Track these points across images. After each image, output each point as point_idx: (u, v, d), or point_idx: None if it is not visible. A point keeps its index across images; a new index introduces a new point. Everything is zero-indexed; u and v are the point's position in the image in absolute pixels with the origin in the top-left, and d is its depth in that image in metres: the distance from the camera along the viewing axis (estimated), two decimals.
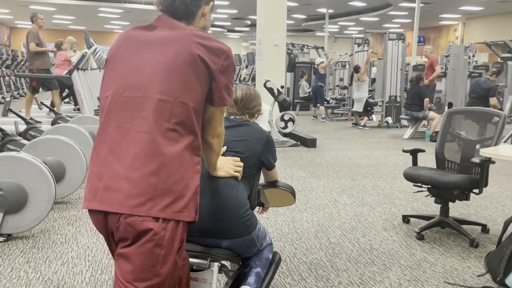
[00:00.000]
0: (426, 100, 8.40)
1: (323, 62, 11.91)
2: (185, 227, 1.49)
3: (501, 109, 8.14)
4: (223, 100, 1.57)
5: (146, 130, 1.42)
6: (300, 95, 13.01)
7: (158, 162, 1.41)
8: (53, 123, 5.83)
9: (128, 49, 1.54)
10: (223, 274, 2.22)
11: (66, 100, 10.15)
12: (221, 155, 1.96)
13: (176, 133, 1.45)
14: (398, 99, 10.27)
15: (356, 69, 10.26)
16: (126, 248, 1.42)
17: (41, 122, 6.05)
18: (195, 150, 1.51)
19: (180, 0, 1.57)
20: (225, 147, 1.98)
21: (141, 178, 1.39)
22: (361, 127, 10.07)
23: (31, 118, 6.47)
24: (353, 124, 10.53)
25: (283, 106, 7.66)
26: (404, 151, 3.83)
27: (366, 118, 10.29)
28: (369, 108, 10.20)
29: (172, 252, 1.44)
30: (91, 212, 1.47)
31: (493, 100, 7.98)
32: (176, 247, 1.46)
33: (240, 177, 1.92)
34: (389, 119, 10.29)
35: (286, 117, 8.09)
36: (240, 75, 18.11)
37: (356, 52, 11.29)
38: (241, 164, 1.94)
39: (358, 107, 10.14)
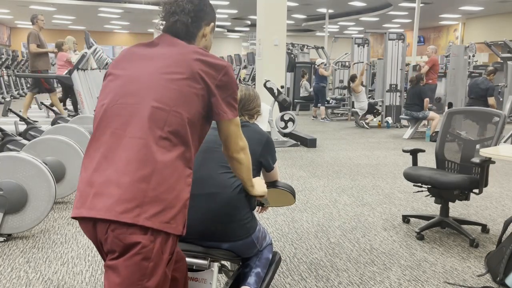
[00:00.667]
0: (426, 100, 8.41)
1: (323, 63, 11.92)
2: (175, 240, 1.46)
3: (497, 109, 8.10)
4: (223, 113, 1.55)
5: (140, 136, 1.41)
6: (301, 95, 12.99)
7: (150, 168, 1.39)
8: (53, 123, 5.83)
9: (128, 63, 1.55)
10: (223, 274, 2.23)
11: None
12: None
13: (169, 142, 1.43)
14: (399, 87, 10.29)
15: (353, 78, 10.33)
16: (114, 260, 1.40)
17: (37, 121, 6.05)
18: (187, 162, 1.49)
19: (181, 22, 1.59)
20: None
21: (131, 184, 1.37)
22: (366, 126, 10.14)
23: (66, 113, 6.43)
24: (358, 122, 10.54)
25: (283, 106, 7.66)
26: (404, 151, 3.83)
27: (371, 117, 10.33)
28: (374, 111, 10.23)
29: (161, 264, 1.41)
30: (81, 220, 1.44)
31: (491, 100, 7.98)
32: (166, 259, 1.43)
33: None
34: (389, 119, 10.30)
35: (286, 117, 8.09)
36: (240, 76, 18.08)
37: (355, 63, 11.35)
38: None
39: (361, 112, 10.19)
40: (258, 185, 1.86)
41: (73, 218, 1.42)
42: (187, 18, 1.59)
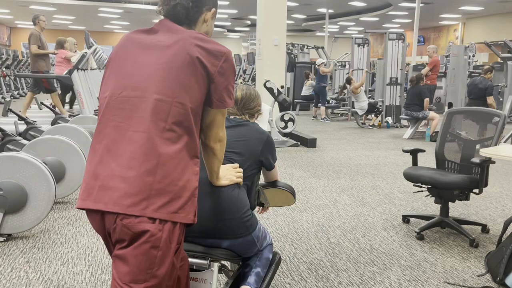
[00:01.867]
0: (426, 100, 8.41)
1: (323, 63, 11.92)
2: (182, 229, 1.48)
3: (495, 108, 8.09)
4: (223, 102, 1.55)
5: (143, 130, 1.42)
6: (304, 93, 12.95)
7: (154, 161, 1.40)
8: (53, 123, 5.83)
9: (128, 52, 1.55)
10: (223, 274, 2.23)
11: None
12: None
13: (174, 133, 1.44)
14: (399, 81, 10.29)
15: (348, 81, 10.34)
16: (123, 249, 1.41)
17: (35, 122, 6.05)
18: (193, 151, 1.50)
19: (181, 5, 1.57)
20: None
21: (137, 177, 1.39)
22: (370, 127, 10.20)
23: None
24: (362, 123, 10.53)
25: (283, 106, 7.66)
26: (404, 151, 3.83)
27: (374, 117, 10.34)
28: (375, 110, 10.23)
29: (169, 254, 1.43)
30: (88, 212, 1.46)
31: (490, 99, 7.96)
32: (174, 248, 1.45)
33: (241, 182, 1.91)
34: (389, 119, 10.30)
35: (286, 117, 8.09)
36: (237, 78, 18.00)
37: (353, 70, 11.35)
38: (241, 170, 1.93)
39: (361, 112, 10.19)
40: (223, 177, 1.84)
41: (79, 208, 1.44)
42: (188, 1, 1.58)
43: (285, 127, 8.09)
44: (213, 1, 1.68)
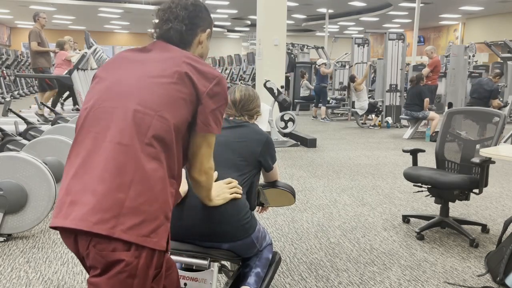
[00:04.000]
0: (426, 100, 8.41)
1: (324, 63, 11.92)
2: (162, 254, 1.37)
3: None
4: (207, 125, 1.46)
5: (120, 141, 1.32)
6: (302, 94, 12.99)
7: (128, 176, 1.29)
8: (53, 123, 5.83)
9: (116, 66, 1.49)
10: (223, 274, 2.23)
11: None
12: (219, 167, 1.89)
13: (153, 149, 1.34)
14: (399, 88, 10.30)
15: (352, 78, 10.33)
16: (97, 277, 1.30)
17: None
18: (172, 171, 1.39)
19: (175, 29, 1.52)
20: (216, 173, 1.87)
21: (107, 192, 1.27)
22: (371, 127, 10.20)
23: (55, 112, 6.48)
24: (363, 123, 10.53)
25: (283, 106, 7.66)
26: (404, 151, 3.83)
27: (375, 118, 10.35)
28: (375, 110, 10.23)
29: (147, 281, 1.32)
30: (61, 233, 1.34)
31: (495, 102, 7.97)
32: (152, 274, 1.34)
33: (240, 195, 1.86)
34: (389, 119, 10.30)
35: (286, 117, 8.09)
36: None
37: (356, 63, 11.32)
38: (235, 183, 1.88)
39: (361, 112, 10.19)
40: (216, 197, 1.77)
41: (51, 227, 1.33)
42: (181, 25, 1.52)
43: (285, 127, 8.09)
44: (208, 22, 1.61)
